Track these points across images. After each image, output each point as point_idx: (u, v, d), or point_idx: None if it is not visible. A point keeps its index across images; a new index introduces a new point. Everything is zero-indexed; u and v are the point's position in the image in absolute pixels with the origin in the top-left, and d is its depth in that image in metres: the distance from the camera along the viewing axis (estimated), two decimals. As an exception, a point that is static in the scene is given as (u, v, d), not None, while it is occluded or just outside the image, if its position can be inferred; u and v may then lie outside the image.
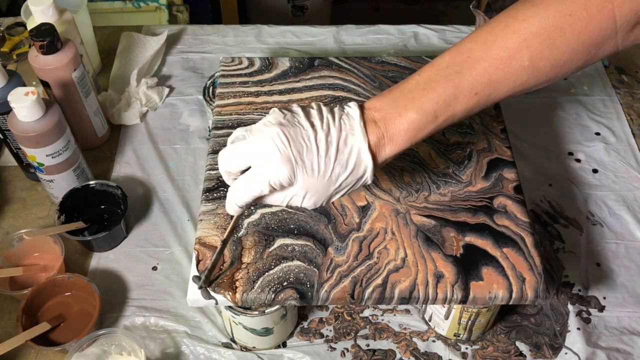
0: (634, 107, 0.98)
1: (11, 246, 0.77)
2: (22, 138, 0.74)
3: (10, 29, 1.10)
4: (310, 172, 0.52)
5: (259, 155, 0.52)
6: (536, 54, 0.52)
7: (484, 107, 0.56)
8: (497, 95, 0.55)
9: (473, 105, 0.55)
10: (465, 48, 0.54)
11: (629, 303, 0.77)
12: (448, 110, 0.54)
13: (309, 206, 0.54)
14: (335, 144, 0.52)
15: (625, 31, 0.51)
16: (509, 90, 0.54)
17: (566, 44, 0.52)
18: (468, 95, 0.54)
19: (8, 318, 0.75)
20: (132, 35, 1.06)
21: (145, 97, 0.97)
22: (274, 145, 0.51)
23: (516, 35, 0.52)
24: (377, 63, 0.83)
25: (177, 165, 0.90)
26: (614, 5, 0.50)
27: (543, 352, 0.73)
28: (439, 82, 0.54)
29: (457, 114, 0.55)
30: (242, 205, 0.55)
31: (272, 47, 1.07)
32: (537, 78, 0.54)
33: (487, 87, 0.54)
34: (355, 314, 0.76)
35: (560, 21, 0.51)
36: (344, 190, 0.55)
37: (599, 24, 0.51)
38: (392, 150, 0.54)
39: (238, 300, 0.61)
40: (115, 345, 0.69)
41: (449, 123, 0.55)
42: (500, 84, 0.54)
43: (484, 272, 0.63)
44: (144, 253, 0.81)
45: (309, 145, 0.52)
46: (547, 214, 0.85)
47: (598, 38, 0.52)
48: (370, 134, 0.53)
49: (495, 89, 0.54)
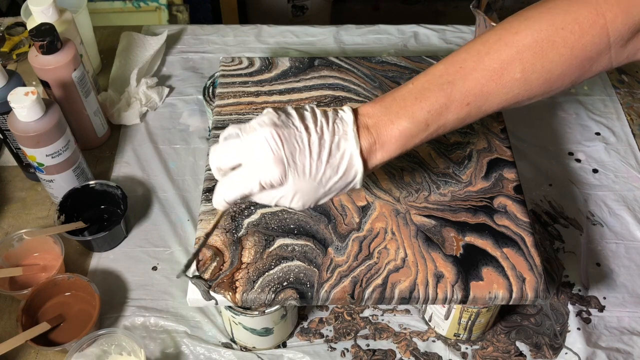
0: (634, 107, 0.98)
1: (11, 246, 0.77)
2: (22, 138, 0.74)
3: (10, 29, 1.10)
4: (301, 174, 0.52)
5: (251, 154, 0.52)
6: (529, 66, 0.53)
7: (475, 118, 0.56)
8: (488, 106, 0.55)
9: (465, 116, 0.55)
10: (458, 59, 0.55)
11: (629, 303, 0.77)
12: (439, 120, 0.54)
13: (297, 207, 0.55)
14: (328, 148, 0.53)
15: (618, 46, 0.52)
16: (501, 102, 0.55)
17: (559, 57, 0.52)
18: (460, 105, 0.54)
19: (8, 318, 0.75)
20: (132, 35, 1.06)
21: (145, 97, 0.97)
22: (267, 145, 0.51)
23: (509, 47, 0.53)
24: (377, 63, 0.83)
25: (177, 165, 0.90)
26: (606, 19, 0.50)
27: (543, 352, 0.73)
28: (431, 91, 0.54)
29: (449, 123, 0.55)
30: (230, 202, 0.55)
31: (272, 47, 1.07)
32: (529, 91, 0.54)
33: (479, 98, 0.54)
34: (355, 314, 0.76)
35: (553, 34, 0.52)
36: (332, 194, 0.55)
37: (592, 37, 0.51)
38: (382, 157, 0.55)
39: (238, 300, 0.61)
40: (115, 345, 0.69)
41: (440, 132, 0.56)
42: (492, 96, 0.54)
43: (484, 272, 0.63)
44: (144, 253, 0.81)
45: (302, 148, 0.52)
46: (547, 214, 0.85)
47: (591, 52, 0.52)
48: (362, 140, 0.53)
49: (487, 100, 0.54)
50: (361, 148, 0.53)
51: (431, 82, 0.55)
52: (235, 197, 0.54)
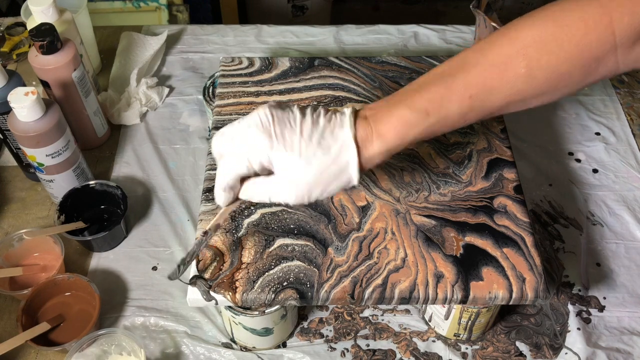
0: (634, 107, 0.98)
1: (11, 246, 0.77)
2: (22, 138, 0.74)
3: (10, 29, 1.10)
4: (289, 151, 0.52)
5: (244, 132, 0.53)
6: (533, 62, 0.52)
7: (480, 114, 0.55)
8: (492, 102, 0.54)
9: (467, 109, 0.54)
10: (461, 56, 0.55)
11: (629, 303, 0.77)
12: (441, 110, 0.54)
13: (291, 200, 0.54)
14: (320, 131, 0.53)
15: (625, 47, 0.51)
16: (505, 98, 0.54)
17: (564, 54, 0.52)
18: (461, 97, 0.54)
19: (8, 318, 0.75)
20: (132, 35, 1.06)
21: (145, 97, 0.97)
22: (258, 120, 0.52)
23: (512, 43, 0.53)
24: (377, 63, 0.83)
25: (177, 165, 0.90)
26: (612, 18, 0.50)
27: (543, 352, 0.73)
28: (432, 84, 0.54)
29: (451, 115, 0.54)
30: (224, 188, 0.55)
31: (272, 47, 1.07)
32: (534, 88, 0.54)
33: (482, 91, 0.54)
34: (355, 314, 0.76)
35: (558, 31, 0.51)
36: (328, 187, 0.54)
37: (597, 35, 0.51)
38: (380, 147, 0.54)
39: (238, 300, 0.62)
40: (115, 345, 0.69)
41: (443, 126, 0.55)
42: (495, 90, 0.54)
43: (484, 272, 0.63)
44: (144, 253, 0.81)
45: (293, 127, 0.52)
46: (547, 214, 0.85)
47: (597, 51, 0.52)
48: (358, 128, 0.53)
49: (490, 94, 0.54)
50: (356, 135, 0.53)
51: (433, 77, 0.55)
52: (227, 181, 0.54)
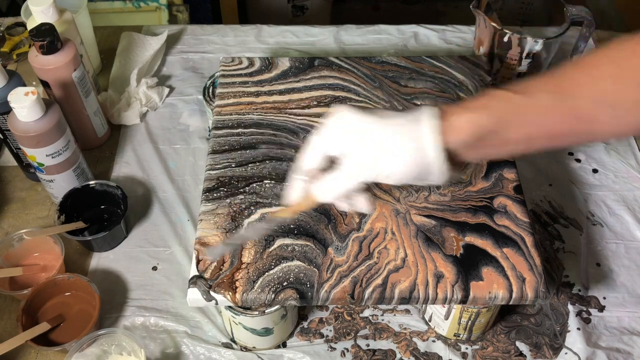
0: (634, 107, 0.98)
1: (11, 246, 0.77)
2: (22, 138, 0.74)
3: (10, 29, 1.10)
4: (378, 119, 0.53)
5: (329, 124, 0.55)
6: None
7: (580, 138, 0.55)
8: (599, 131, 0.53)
9: (568, 130, 0.52)
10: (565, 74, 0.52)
11: (629, 303, 0.77)
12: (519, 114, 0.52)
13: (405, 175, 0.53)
14: (400, 114, 0.54)
15: None
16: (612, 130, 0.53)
17: None
18: (561, 114, 0.51)
19: (8, 318, 0.75)
20: (132, 35, 1.06)
21: (145, 97, 0.97)
22: (342, 109, 0.54)
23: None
24: (377, 63, 0.83)
25: (177, 165, 0.90)
26: None
27: (543, 352, 0.73)
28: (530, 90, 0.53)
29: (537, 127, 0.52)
30: (343, 195, 0.55)
31: (272, 47, 1.07)
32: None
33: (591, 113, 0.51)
34: (355, 314, 0.76)
35: None
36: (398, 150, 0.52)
37: None
38: (456, 139, 0.52)
39: (238, 300, 0.62)
40: (115, 345, 0.69)
41: (521, 135, 0.53)
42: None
43: (484, 272, 0.63)
44: (144, 253, 0.81)
45: (373, 108, 0.55)
46: (547, 214, 0.85)
47: None
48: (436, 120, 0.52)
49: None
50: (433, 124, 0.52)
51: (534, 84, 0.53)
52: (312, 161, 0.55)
